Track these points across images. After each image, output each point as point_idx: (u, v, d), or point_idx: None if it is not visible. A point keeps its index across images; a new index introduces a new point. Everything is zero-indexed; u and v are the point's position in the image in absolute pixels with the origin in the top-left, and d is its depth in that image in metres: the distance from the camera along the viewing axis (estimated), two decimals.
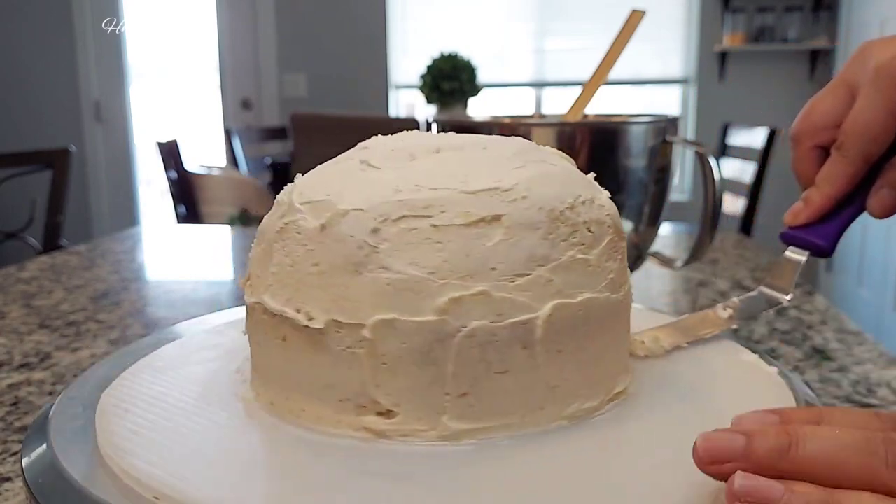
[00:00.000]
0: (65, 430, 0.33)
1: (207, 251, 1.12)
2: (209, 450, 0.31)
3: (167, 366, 0.39)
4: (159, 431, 0.32)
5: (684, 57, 3.51)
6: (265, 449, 0.32)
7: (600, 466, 0.30)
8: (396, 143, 0.36)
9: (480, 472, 0.29)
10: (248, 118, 3.72)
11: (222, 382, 0.37)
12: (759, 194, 2.08)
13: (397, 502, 0.27)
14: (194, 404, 0.35)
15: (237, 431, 0.33)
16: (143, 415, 0.34)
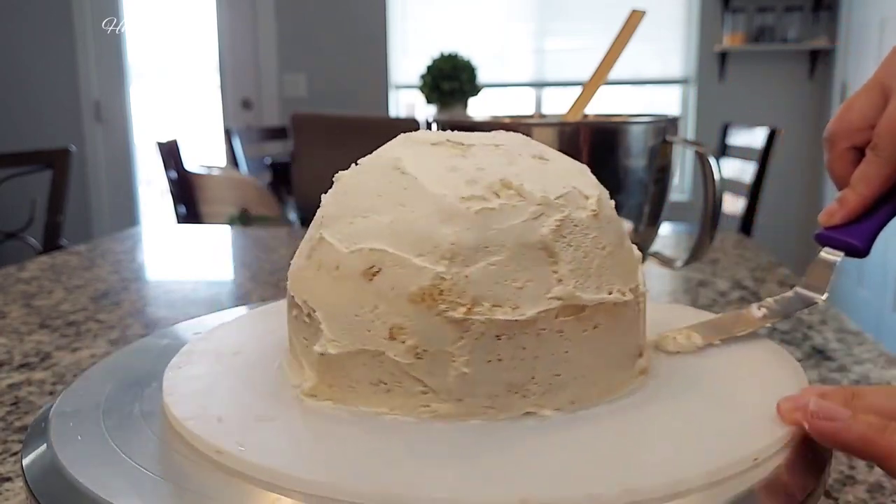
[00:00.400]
0: (65, 430, 0.33)
1: (207, 251, 1.12)
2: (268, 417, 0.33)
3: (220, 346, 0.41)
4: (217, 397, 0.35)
5: (684, 57, 3.52)
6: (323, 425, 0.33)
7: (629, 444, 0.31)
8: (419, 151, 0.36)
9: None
10: (248, 118, 3.72)
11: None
12: (759, 194, 2.08)
13: (449, 477, 0.27)
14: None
15: (296, 407, 0.34)
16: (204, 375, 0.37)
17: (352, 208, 0.34)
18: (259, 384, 0.36)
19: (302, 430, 0.32)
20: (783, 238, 3.43)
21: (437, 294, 0.31)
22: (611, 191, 0.38)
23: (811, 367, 0.57)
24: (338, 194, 0.36)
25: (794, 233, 3.47)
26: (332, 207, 0.35)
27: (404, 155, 0.35)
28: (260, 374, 0.37)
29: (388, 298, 0.31)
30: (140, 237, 1.21)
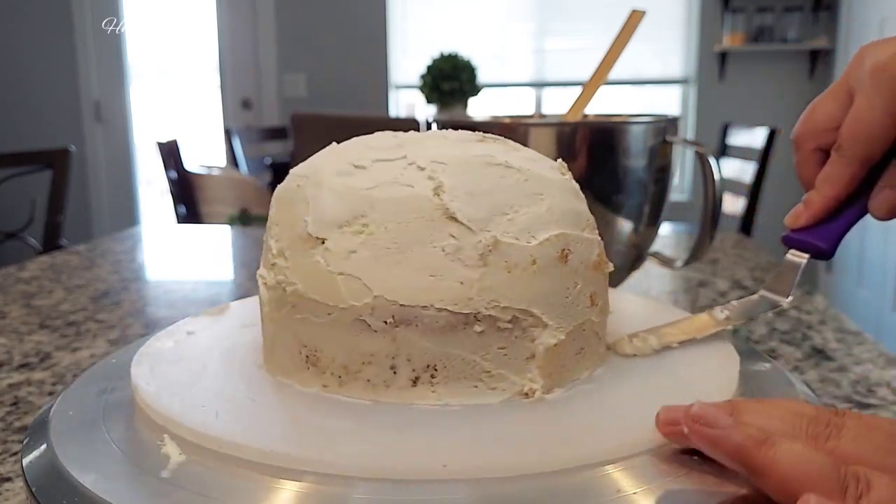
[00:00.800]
0: (65, 430, 0.33)
1: (207, 251, 1.12)
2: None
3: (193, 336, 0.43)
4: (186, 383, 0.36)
5: (684, 57, 3.52)
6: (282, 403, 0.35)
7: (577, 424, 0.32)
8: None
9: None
10: (248, 118, 3.72)
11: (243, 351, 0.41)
12: (759, 194, 2.08)
13: (397, 452, 0.29)
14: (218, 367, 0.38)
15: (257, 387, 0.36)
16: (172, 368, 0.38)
17: (495, 207, 0.34)
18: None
19: (320, 419, 0.32)
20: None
21: (601, 258, 0.38)
22: (611, 191, 0.39)
23: (811, 367, 0.57)
24: (463, 197, 0.33)
25: None
26: (469, 209, 0.33)
27: (488, 151, 0.37)
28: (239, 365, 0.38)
29: (581, 273, 0.36)
30: (140, 237, 1.21)
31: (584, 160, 0.59)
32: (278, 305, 0.35)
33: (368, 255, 0.33)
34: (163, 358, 0.39)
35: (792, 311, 0.72)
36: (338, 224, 0.34)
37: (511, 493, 0.27)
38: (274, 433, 0.31)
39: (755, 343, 0.63)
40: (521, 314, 0.33)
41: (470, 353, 0.33)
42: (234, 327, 0.44)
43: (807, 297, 0.77)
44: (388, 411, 0.33)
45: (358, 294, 0.32)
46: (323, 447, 0.29)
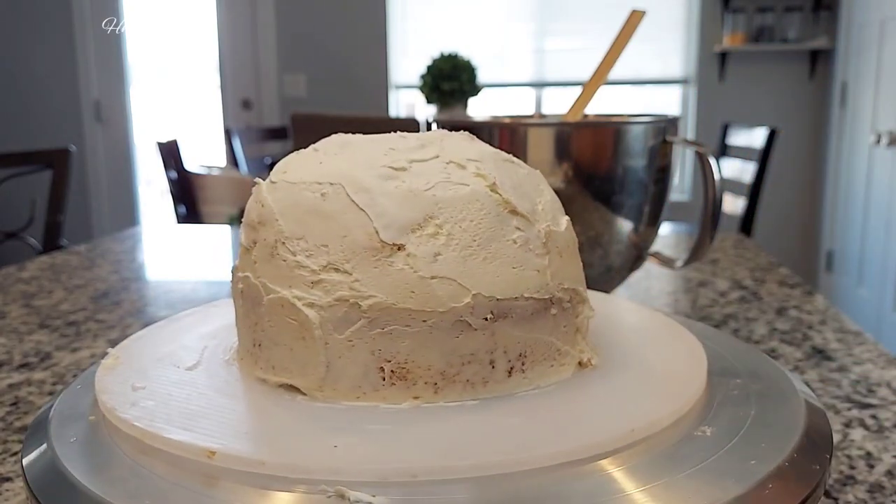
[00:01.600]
0: (65, 430, 0.33)
1: (207, 251, 1.12)
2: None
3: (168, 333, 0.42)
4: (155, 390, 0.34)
5: (684, 57, 3.52)
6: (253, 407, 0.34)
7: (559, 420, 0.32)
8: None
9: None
10: (248, 118, 3.72)
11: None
12: (759, 194, 2.08)
13: (367, 451, 0.28)
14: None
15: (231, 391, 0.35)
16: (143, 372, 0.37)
17: (530, 199, 0.36)
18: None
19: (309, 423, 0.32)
20: (783, 238, 3.43)
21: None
22: (611, 191, 0.39)
23: (811, 367, 0.57)
24: (511, 191, 0.35)
25: (794, 233, 3.47)
26: (522, 203, 0.36)
27: (483, 147, 0.38)
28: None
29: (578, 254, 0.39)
30: (140, 237, 1.21)
31: (584, 160, 0.59)
32: (344, 323, 0.33)
33: (455, 256, 0.33)
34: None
35: (792, 310, 0.72)
36: (411, 228, 0.33)
37: (513, 490, 0.27)
38: (273, 443, 0.31)
39: (756, 343, 0.63)
40: (574, 294, 0.36)
41: (548, 334, 0.35)
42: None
43: (807, 296, 0.77)
44: (385, 413, 0.32)
45: (456, 295, 0.32)
46: (295, 453, 0.29)
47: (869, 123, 2.90)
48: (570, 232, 0.38)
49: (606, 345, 0.39)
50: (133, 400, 0.33)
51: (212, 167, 2.67)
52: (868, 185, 2.92)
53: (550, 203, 0.37)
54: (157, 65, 3.97)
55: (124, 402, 0.33)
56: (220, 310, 0.46)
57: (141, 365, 0.37)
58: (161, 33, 3.88)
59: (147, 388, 0.34)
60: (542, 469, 0.28)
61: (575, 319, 0.37)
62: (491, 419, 0.32)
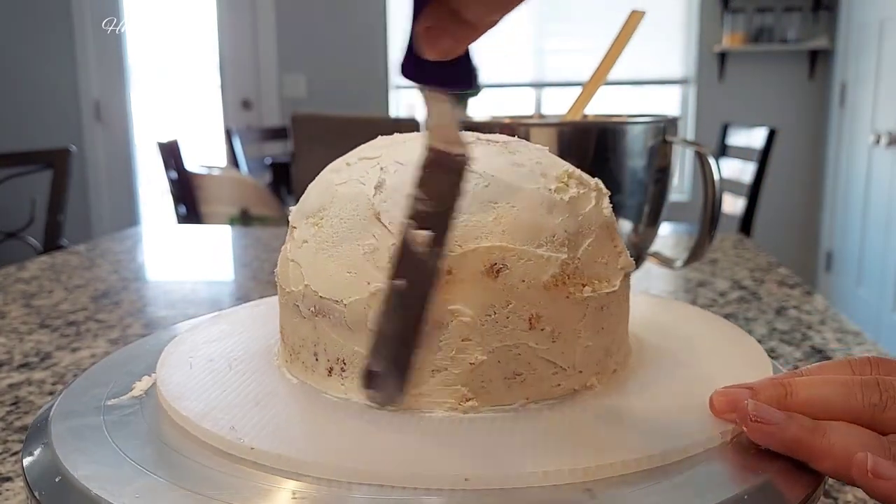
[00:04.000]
0: (65, 430, 0.33)
1: (207, 251, 1.12)
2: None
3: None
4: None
5: (684, 57, 3.52)
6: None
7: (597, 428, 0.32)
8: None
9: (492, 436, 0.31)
10: (248, 118, 3.72)
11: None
12: (759, 194, 2.08)
13: (405, 455, 0.29)
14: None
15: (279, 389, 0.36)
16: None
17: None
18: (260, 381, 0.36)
19: (322, 423, 0.32)
20: (783, 238, 3.43)
21: (567, 279, 0.34)
22: (611, 191, 0.39)
23: None
24: (397, 198, 0.33)
25: (793, 233, 3.48)
26: (397, 212, 0.33)
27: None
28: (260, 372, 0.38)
29: (519, 292, 0.33)
30: (140, 237, 1.21)
31: (583, 160, 0.59)
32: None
33: (313, 246, 0.35)
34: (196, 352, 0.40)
35: (792, 310, 0.72)
36: (307, 214, 0.36)
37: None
38: (284, 436, 0.31)
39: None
40: (439, 323, 0.32)
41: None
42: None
43: (807, 296, 0.77)
44: (393, 416, 0.32)
45: (296, 281, 0.35)
46: (321, 450, 0.29)
47: (868, 124, 2.90)
48: (470, 260, 0.32)
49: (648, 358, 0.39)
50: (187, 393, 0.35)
51: (212, 167, 2.67)
52: (867, 186, 2.92)
53: (482, 225, 0.33)
54: (157, 65, 3.97)
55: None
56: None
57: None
58: (161, 33, 3.88)
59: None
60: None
61: (433, 356, 0.32)
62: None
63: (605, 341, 0.35)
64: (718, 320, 0.45)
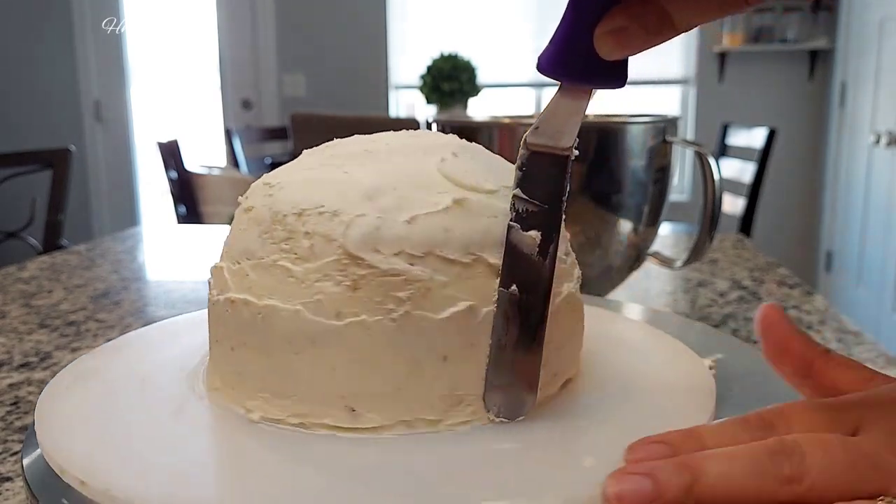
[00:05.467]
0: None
1: (207, 251, 1.12)
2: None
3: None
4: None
5: (684, 57, 3.52)
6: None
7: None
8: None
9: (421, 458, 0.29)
10: (248, 118, 3.72)
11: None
12: (759, 194, 2.08)
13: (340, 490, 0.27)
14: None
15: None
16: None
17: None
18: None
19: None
20: (782, 238, 3.43)
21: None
22: (611, 191, 0.38)
23: None
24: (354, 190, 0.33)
25: (793, 233, 3.47)
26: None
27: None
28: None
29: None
30: (140, 237, 1.21)
31: (583, 160, 0.59)
32: None
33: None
34: None
35: (791, 310, 0.72)
36: (475, 247, 0.34)
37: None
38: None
39: (755, 343, 0.63)
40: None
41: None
42: None
43: (806, 296, 0.77)
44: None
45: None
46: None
47: (868, 124, 2.90)
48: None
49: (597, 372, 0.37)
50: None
51: (212, 167, 2.67)
52: (867, 186, 2.92)
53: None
54: (157, 65, 3.97)
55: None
56: None
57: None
58: (161, 33, 3.88)
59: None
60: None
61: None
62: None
63: None
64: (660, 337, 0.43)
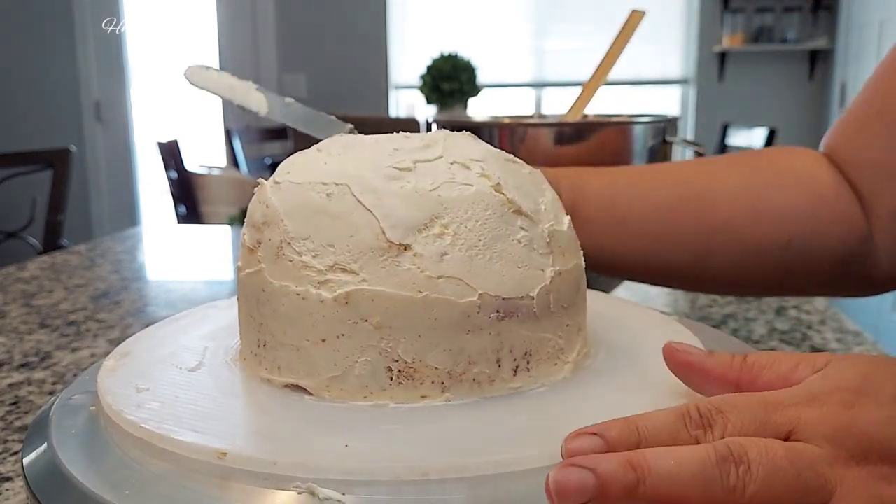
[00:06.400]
0: (65, 429, 0.33)
1: (207, 251, 1.12)
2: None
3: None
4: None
5: (684, 57, 3.52)
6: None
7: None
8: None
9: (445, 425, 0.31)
10: (248, 118, 3.72)
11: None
12: None
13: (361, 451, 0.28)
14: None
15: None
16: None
17: (532, 199, 0.36)
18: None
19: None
20: None
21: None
22: None
23: None
24: (514, 191, 0.35)
25: None
26: (526, 202, 0.36)
27: (486, 147, 0.38)
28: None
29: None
30: (140, 237, 1.21)
31: (583, 160, 0.59)
32: (352, 324, 0.33)
33: (461, 255, 0.33)
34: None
35: (792, 310, 0.72)
36: (417, 228, 0.33)
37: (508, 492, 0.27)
38: (261, 441, 0.31)
39: (755, 343, 0.63)
40: (576, 292, 0.37)
41: (552, 333, 0.35)
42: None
43: (806, 296, 0.77)
44: (367, 412, 0.32)
45: (463, 294, 0.33)
46: (306, 453, 0.29)
47: None
48: (571, 231, 0.37)
49: (605, 344, 0.39)
50: (138, 402, 0.33)
51: (212, 167, 2.67)
52: None
53: (552, 202, 0.37)
54: (157, 65, 3.97)
55: (130, 405, 0.32)
56: (218, 311, 0.46)
57: (142, 367, 0.37)
58: (161, 33, 3.88)
59: (151, 390, 0.34)
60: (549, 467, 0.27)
61: (577, 317, 0.37)
62: (498, 417, 0.32)
63: None
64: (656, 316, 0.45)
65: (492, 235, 0.33)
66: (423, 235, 0.33)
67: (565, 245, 0.36)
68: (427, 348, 0.33)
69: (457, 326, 0.33)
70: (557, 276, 0.35)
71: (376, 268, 0.32)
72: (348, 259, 0.33)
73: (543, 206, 0.36)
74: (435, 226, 0.33)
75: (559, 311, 0.35)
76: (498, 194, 0.34)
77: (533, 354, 0.34)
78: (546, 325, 0.35)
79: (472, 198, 0.34)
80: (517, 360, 0.34)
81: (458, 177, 0.34)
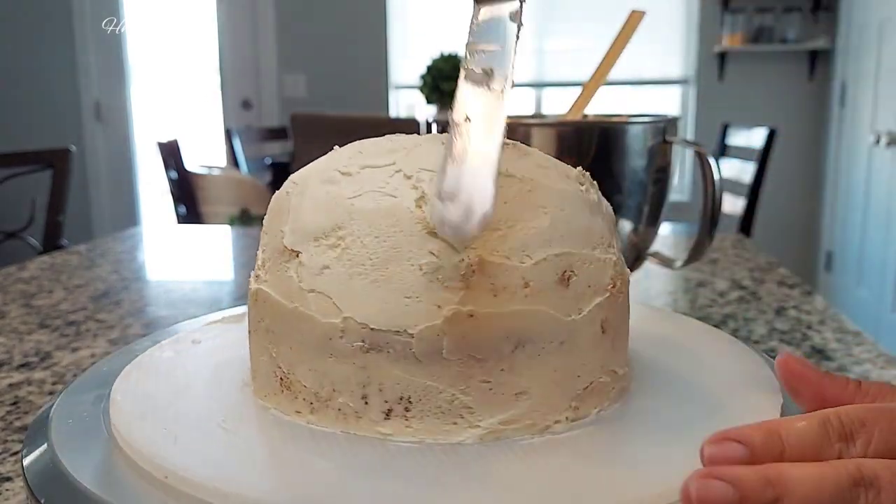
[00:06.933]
0: (65, 429, 0.33)
1: (207, 251, 1.12)
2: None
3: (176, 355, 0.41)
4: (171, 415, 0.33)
5: (684, 57, 3.52)
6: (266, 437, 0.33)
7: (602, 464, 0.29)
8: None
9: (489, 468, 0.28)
10: (248, 118, 3.72)
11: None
12: (759, 194, 2.08)
13: (393, 497, 0.27)
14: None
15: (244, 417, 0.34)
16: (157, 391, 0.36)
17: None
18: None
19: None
20: (782, 238, 3.43)
21: (618, 280, 0.34)
22: (610, 191, 0.39)
23: None
24: None
25: (793, 233, 3.47)
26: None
27: None
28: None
29: (587, 297, 0.32)
30: (140, 237, 1.21)
31: (583, 160, 0.59)
32: (256, 320, 0.33)
33: (342, 272, 0.30)
34: (154, 370, 0.38)
35: (791, 310, 0.72)
36: (314, 236, 0.31)
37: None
38: (233, 467, 0.28)
39: (755, 343, 0.63)
40: (506, 343, 0.30)
41: (448, 385, 0.30)
42: (241, 338, 0.39)
43: (806, 296, 0.77)
44: (363, 445, 0.30)
45: (328, 314, 0.30)
46: (284, 486, 0.27)
47: (868, 124, 2.90)
48: (544, 270, 0.30)
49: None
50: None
51: (212, 167, 2.67)
52: (867, 186, 2.92)
53: (541, 232, 0.31)
54: (157, 65, 3.97)
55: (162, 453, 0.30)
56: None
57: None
58: (161, 33, 3.88)
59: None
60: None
61: (514, 377, 0.30)
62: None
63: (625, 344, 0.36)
64: (713, 332, 0.43)
65: (386, 256, 0.30)
66: (316, 245, 0.31)
67: (513, 285, 0.30)
68: (296, 362, 0.31)
69: (320, 347, 0.30)
70: (464, 317, 0.29)
71: (273, 270, 0.33)
72: (267, 258, 0.34)
73: (500, 234, 0.30)
74: (332, 236, 0.31)
75: (465, 361, 0.29)
76: (417, 211, 0.30)
77: (414, 403, 0.30)
78: (434, 373, 0.29)
79: (384, 211, 0.30)
80: (389, 402, 0.30)
81: (389, 187, 0.31)
